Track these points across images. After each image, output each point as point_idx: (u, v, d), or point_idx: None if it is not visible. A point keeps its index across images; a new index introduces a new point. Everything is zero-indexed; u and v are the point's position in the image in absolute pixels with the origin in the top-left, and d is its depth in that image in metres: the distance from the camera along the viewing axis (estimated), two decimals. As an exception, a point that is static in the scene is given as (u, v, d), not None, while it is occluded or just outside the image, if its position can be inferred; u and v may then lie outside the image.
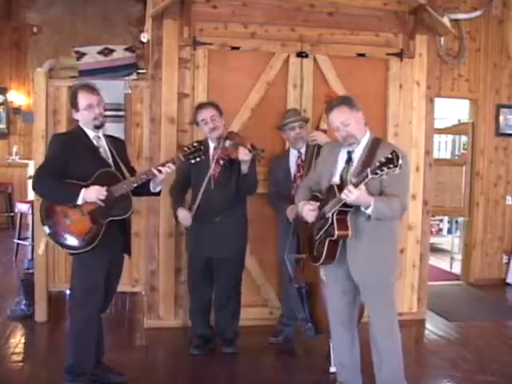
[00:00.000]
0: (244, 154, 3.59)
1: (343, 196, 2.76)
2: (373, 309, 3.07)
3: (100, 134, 3.30)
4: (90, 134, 3.26)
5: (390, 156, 2.59)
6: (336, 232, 2.90)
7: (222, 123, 3.84)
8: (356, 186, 2.73)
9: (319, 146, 3.86)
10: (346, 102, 2.99)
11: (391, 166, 2.59)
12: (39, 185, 3.14)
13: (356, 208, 2.87)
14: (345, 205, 2.85)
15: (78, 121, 3.30)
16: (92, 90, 3.25)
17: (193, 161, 3.31)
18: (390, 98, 4.68)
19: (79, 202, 3.08)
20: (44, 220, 3.14)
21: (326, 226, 2.96)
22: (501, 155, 6.23)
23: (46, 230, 3.13)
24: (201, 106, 3.90)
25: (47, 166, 3.17)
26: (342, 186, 2.90)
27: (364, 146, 3.00)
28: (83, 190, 3.07)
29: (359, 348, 3.24)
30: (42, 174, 3.15)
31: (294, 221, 3.88)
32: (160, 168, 3.23)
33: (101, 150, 3.26)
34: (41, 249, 3.73)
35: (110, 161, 3.27)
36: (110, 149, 3.30)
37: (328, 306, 3.28)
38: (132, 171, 3.39)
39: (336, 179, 3.03)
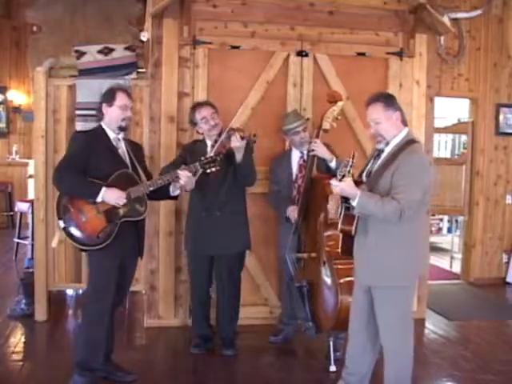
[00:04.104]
0: (235, 141, 3.61)
1: (332, 187, 2.87)
2: (378, 317, 2.99)
3: (120, 137, 3.37)
4: (111, 134, 3.34)
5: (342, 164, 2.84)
6: (340, 226, 2.93)
7: (219, 120, 3.87)
8: (340, 179, 2.81)
9: (318, 158, 3.86)
10: (383, 99, 2.96)
11: (338, 173, 2.84)
12: (60, 176, 3.19)
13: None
14: (347, 201, 2.88)
15: (101, 119, 3.36)
16: (129, 94, 3.38)
17: (208, 170, 3.41)
18: (390, 97, 4.67)
19: (99, 199, 3.14)
20: (60, 214, 3.19)
21: (339, 220, 3.00)
22: (501, 154, 6.23)
23: (61, 224, 3.19)
24: (199, 105, 3.91)
25: (68, 161, 3.22)
26: (356, 182, 2.93)
27: (393, 147, 2.95)
28: (104, 189, 3.14)
29: (376, 353, 3.16)
30: (62, 168, 3.19)
31: (296, 220, 3.89)
32: (179, 172, 3.34)
33: (119, 151, 3.34)
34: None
35: (128, 162, 3.34)
36: (128, 151, 3.38)
37: (352, 302, 3.22)
38: (149, 176, 3.46)
39: (364, 175, 3.04)
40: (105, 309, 3.26)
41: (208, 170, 3.42)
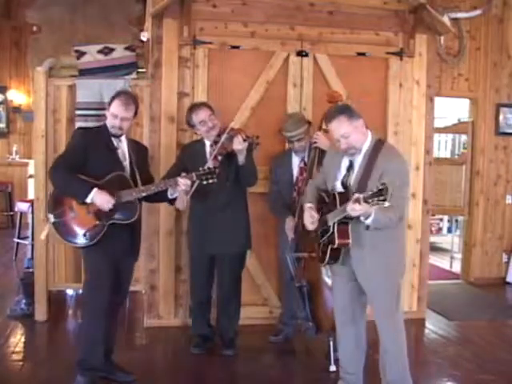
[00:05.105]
0: (237, 143, 3.59)
1: (349, 211, 2.74)
2: (378, 312, 3.06)
3: (122, 137, 3.36)
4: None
5: (381, 187, 2.60)
6: (337, 241, 2.93)
7: (217, 121, 3.84)
8: (359, 202, 2.69)
9: (321, 150, 3.86)
10: (345, 111, 2.96)
11: (381, 198, 2.60)
12: (55, 173, 3.22)
13: (356, 218, 2.86)
14: (345, 216, 2.87)
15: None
16: (128, 103, 3.29)
17: (205, 182, 3.37)
18: (390, 97, 4.68)
19: (88, 200, 3.15)
20: (51, 209, 3.26)
21: (328, 234, 2.99)
22: (501, 154, 6.23)
23: (51, 218, 3.25)
24: (196, 107, 3.87)
25: (67, 156, 3.27)
26: (345, 196, 2.93)
27: (365, 152, 2.99)
28: (95, 190, 3.14)
29: (365, 347, 3.23)
30: (60, 164, 3.23)
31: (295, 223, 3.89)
32: (180, 179, 3.31)
33: (119, 151, 3.34)
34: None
35: (127, 164, 3.34)
36: (129, 153, 3.37)
37: (334, 303, 3.28)
38: (150, 179, 3.45)
39: (338, 185, 3.04)
40: (101, 306, 3.24)
41: (204, 182, 3.37)
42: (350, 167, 3.03)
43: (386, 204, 2.61)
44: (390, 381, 3.05)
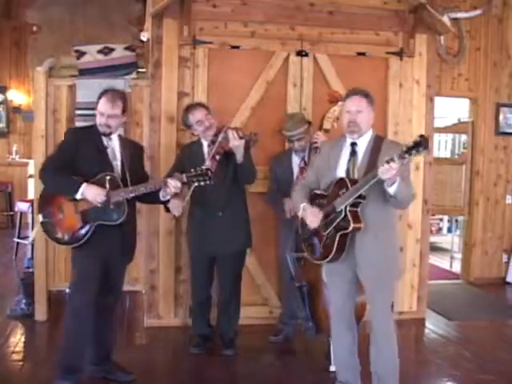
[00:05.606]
0: (233, 139, 3.58)
1: (381, 174, 2.72)
2: (375, 305, 3.08)
3: (112, 136, 3.32)
4: None
5: (418, 139, 2.62)
6: (352, 225, 2.93)
7: (213, 120, 3.84)
8: (393, 161, 2.67)
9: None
10: (369, 97, 3.13)
11: (421, 148, 2.61)
12: (44, 175, 3.24)
13: (380, 185, 2.85)
14: (359, 196, 2.90)
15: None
16: (114, 101, 3.26)
17: (196, 184, 3.31)
18: (390, 97, 4.68)
19: (78, 195, 3.14)
20: (39, 209, 3.30)
21: (338, 220, 2.98)
22: (501, 154, 6.23)
23: (40, 218, 3.30)
24: (192, 108, 3.87)
25: (56, 157, 3.31)
26: (353, 180, 2.95)
27: (368, 140, 3.08)
28: (84, 185, 3.13)
29: (358, 346, 3.24)
30: (49, 165, 3.25)
31: (293, 218, 3.88)
32: (169, 180, 3.27)
33: (108, 150, 3.29)
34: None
35: (117, 163, 3.30)
36: (121, 152, 3.32)
37: (330, 304, 3.29)
38: (144, 179, 3.40)
39: (341, 173, 3.06)
40: (82, 307, 3.19)
41: (196, 184, 3.30)
42: (354, 153, 3.07)
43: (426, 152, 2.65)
44: (381, 376, 3.07)
